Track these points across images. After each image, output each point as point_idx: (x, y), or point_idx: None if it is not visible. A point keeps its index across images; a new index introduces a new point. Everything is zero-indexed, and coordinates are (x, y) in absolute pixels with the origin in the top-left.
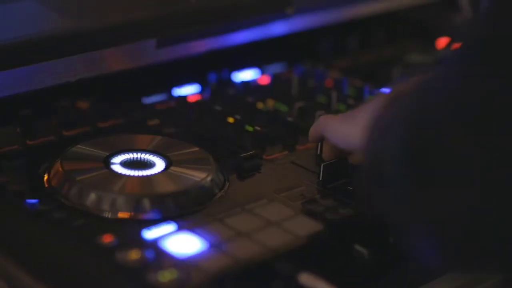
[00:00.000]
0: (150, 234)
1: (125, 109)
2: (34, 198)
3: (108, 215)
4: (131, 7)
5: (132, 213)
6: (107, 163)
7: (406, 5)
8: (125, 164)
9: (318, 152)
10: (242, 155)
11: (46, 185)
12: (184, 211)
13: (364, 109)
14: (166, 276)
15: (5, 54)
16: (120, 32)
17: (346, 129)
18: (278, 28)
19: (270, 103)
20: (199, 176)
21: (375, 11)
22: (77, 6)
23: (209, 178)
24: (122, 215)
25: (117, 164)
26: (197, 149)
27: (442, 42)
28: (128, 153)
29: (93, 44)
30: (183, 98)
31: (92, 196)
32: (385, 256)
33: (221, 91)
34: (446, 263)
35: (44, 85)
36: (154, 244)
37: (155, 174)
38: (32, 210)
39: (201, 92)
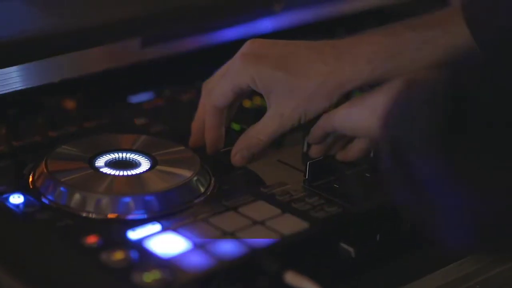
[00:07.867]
0: (134, 234)
1: (112, 108)
2: (19, 199)
3: (92, 215)
4: (115, 6)
5: (116, 213)
6: (92, 164)
7: (397, 1)
8: (110, 164)
9: (304, 150)
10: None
11: (31, 186)
12: (169, 210)
13: (374, 94)
14: (150, 276)
15: None
16: (104, 31)
17: (356, 113)
18: (265, 25)
19: (257, 100)
20: (184, 175)
21: (365, 7)
22: (61, 6)
23: (194, 178)
24: (106, 215)
25: (102, 164)
26: (182, 148)
27: None
28: (113, 153)
29: (78, 43)
30: (170, 97)
31: (77, 197)
32: (371, 254)
33: None
34: (474, 240)
35: (29, 85)
36: (138, 245)
37: (140, 174)
38: (17, 211)
39: (188, 90)
